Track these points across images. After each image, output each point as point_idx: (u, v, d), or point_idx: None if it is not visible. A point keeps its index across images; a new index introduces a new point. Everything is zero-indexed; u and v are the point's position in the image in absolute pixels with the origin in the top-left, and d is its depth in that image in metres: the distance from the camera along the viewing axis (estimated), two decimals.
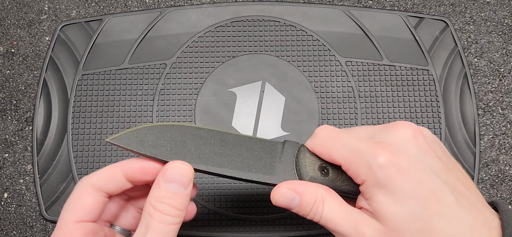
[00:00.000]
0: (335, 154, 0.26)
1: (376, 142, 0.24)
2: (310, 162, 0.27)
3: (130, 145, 0.26)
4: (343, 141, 0.25)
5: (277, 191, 0.26)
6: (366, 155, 0.24)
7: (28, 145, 0.41)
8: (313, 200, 0.26)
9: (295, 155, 0.28)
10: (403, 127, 0.25)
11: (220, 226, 0.39)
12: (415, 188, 0.23)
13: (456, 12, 0.44)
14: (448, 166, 0.25)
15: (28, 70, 0.43)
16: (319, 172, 0.27)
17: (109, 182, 0.26)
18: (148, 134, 0.26)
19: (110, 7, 0.44)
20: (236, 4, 0.44)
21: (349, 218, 0.25)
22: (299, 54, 0.42)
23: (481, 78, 0.43)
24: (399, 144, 0.24)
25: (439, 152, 0.25)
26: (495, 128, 0.41)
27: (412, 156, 0.24)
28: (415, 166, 0.24)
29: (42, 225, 0.40)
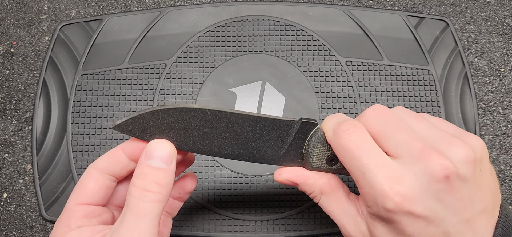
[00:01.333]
0: (348, 169, 0.25)
1: (392, 178, 0.23)
2: (319, 153, 0.27)
3: (131, 133, 0.25)
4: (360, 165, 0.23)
5: (277, 178, 0.28)
6: (377, 193, 0.23)
7: (27, 145, 0.41)
8: (310, 191, 0.27)
9: (307, 139, 0.27)
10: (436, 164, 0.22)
11: (220, 226, 0.39)
12: (415, 234, 0.23)
13: (457, 12, 0.44)
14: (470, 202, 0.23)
15: (28, 70, 0.43)
16: (326, 162, 0.27)
17: (111, 164, 0.26)
18: (150, 119, 0.25)
19: (110, 7, 0.44)
20: (236, 4, 0.44)
21: (342, 215, 0.26)
22: (299, 54, 0.42)
23: (481, 78, 0.43)
24: (420, 187, 0.22)
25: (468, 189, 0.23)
26: (495, 128, 0.41)
27: (427, 202, 0.22)
28: (424, 214, 0.22)
29: (41, 225, 0.40)
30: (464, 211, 0.23)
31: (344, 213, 0.26)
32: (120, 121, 0.25)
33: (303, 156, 0.27)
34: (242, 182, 0.39)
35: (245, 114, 0.26)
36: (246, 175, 0.39)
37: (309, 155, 0.27)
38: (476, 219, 0.23)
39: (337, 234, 0.39)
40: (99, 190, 0.26)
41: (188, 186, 0.30)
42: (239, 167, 0.40)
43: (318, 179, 0.27)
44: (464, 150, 0.23)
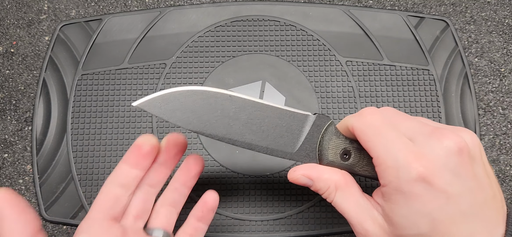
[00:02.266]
0: (371, 146, 0.25)
1: (416, 152, 0.24)
2: (334, 145, 0.27)
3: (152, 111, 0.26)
4: (384, 140, 0.25)
5: (293, 175, 0.28)
6: (400, 165, 0.23)
7: (27, 145, 0.41)
8: (325, 187, 0.27)
9: (322, 133, 0.28)
10: (449, 139, 0.24)
11: (220, 226, 0.39)
12: (435, 210, 0.23)
13: (457, 11, 0.44)
14: (482, 184, 0.24)
15: (28, 70, 0.43)
16: (339, 157, 0.27)
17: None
18: (172, 101, 0.26)
19: (109, 7, 0.44)
20: (236, 4, 0.44)
21: (358, 211, 0.26)
22: (299, 54, 0.42)
23: (481, 78, 0.43)
24: (438, 159, 0.23)
25: (477, 170, 0.24)
26: (495, 128, 0.41)
27: (447, 176, 0.23)
28: (445, 187, 0.23)
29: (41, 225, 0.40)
30: (478, 192, 0.23)
31: (361, 208, 0.26)
32: (142, 100, 0.26)
33: (317, 150, 0.28)
34: (242, 182, 0.39)
35: (269, 105, 0.27)
36: (246, 175, 0.39)
37: (323, 148, 0.27)
38: (488, 204, 0.24)
39: (337, 234, 0.39)
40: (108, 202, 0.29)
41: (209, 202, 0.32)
42: (239, 167, 0.40)
43: (333, 174, 0.27)
44: (468, 134, 0.25)
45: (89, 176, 0.40)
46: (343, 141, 0.27)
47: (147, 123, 0.41)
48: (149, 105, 0.26)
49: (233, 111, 0.27)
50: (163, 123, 0.41)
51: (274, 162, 0.40)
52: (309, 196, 0.39)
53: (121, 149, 0.40)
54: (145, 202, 0.30)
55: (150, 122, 0.41)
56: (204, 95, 0.27)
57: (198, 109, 0.27)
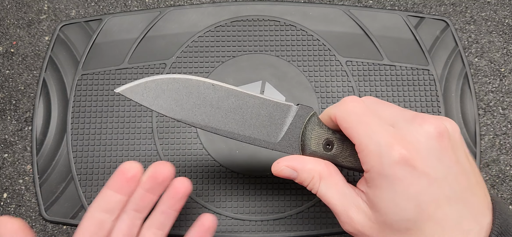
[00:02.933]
0: (353, 133, 0.25)
1: (397, 136, 0.24)
2: (317, 135, 0.28)
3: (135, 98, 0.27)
4: (365, 126, 0.25)
5: (276, 167, 0.28)
6: (382, 147, 0.24)
7: (27, 145, 0.41)
8: (309, 178, 0.27)
9: (304, 124, 0.28)
10: (429, 123, 0.24)
11: (220, 226, 0.39)
12: (419, 194, 0.23)
13: (457, 11, 0.44)
14: (465, 169, 0.24)
15: (28, 70, 0.43)
16: (322, 147, 0.28)
17: None
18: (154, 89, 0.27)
19: (109, 7, 0.44)
20: (236, 4, 0.44)
21: (342, 199, 0.26)
22: (299, 54, 0.42)
23: (481, 78, 0.43)
24: (420, 143, 0.24)
25: (459, 155, 0.25)
26: (495, 128, 0.41)
27: (428, 159, 0.23)
28: (427, 170, 0.23)
29: (41, 225, 0.40)
30: (462, 177, 0.24)
31: (345, 197, 0.26)
32: (124, 87, 0.27)
33: (300, 141, 0.28)
34: (242, 182, 0.39)
35: (252, 94, 0.28)
36: (246, 175, 0.39)
37: (306, 138, 0.27)
38: (473, 190, 0.24)
39: (337, 234, 0.39)
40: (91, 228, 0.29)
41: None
42: (238, 167, 0.40)
43: (316, 164, 0.27)
44: (448, 121, 0.25)
45: (89, 176, 0.40)
46: (326, 132, 0.28)
47: (147, 123, 0.41)
48: (131, 92, 0.27)
49: (216, 100, 0.27)
50: (163, 123, 0.41)
51: None
52: (309, 196, 0.39)
53: (121, 149, 0.40)
54: (130, 227, 0.30)
55: (150, 122, 0.41)
56: (186, 83, 0.27)
57: (181, 97, 0.27)
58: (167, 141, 0.40)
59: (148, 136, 0.40)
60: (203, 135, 0.40)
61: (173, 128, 0.40)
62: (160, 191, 0.31)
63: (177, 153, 0.40)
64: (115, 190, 0.30)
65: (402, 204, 0.23)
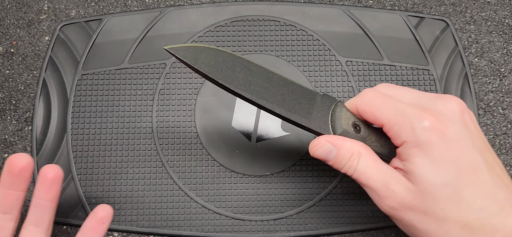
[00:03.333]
0: (380, 114, 0.26)
1: (424, 108, 0.25)
2: (346, 116, 0.28)
3: (185, 58, 0.28)
4: (391, 103, 0.26)
5: (316, 143, 0.28)
6: (412, 118, 0.24)
7: (27, 145, 0.41)
8: (349, 154, 0.27)
9: (332, 107, 0.29)
10: (452, 101, 0.25)
11: (220, 226, 0.39)
12: (455, 157, 0.24)
13: (457, 11, 0.44)
14: (487, 146, 0.26)
15: (28, 70, 0.43)
16: (352, 127, 0.28)
17: None
18: (203, 53, 0.28)
19: (109, 6, 0.44)
20: (236, 4, 0.44)
21: (382, 174, 0.26)
22: (299, 54, 0.42)
23: (481, 78, 0.43)
24: (446, 115, 0.25)
25: (480, 133, 0.26)
26: (495, 128, 0.41)
27: (457, 129, 0.24)
28: (458, 138, 0.24)
29: None
30: (488, 152, 0.25)
31: (384, 172, 0.26)
32: (176, 46, 0.28)
33: (330, 123, 0.28)
34: (242, 182, 0.39)
35: (280, 76, 0.30)
36: (246, 175, 0.39)
37: (336, 118, 0.28)
38: (500, 166, 0.25)
39: (337, 234, 0.39)
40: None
41: (98, 213, 0.32)
42: (239, 167, 0.40)
43: (354, 142, 0.27)
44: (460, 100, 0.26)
45: (89, 176, 0.40)
46: (352, 115, 0.29)
47: (147, 123, 0.41)
48: (177, 50, 0.28)
49: (252, 73, 0.29)
50: (163, 123, 0.41)
51: (274, 162, 0.40)
52: (309, 196, 0.39)
53: (121, 149, 0.40)
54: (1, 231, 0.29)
55: (150, 122, 0.41)
56: (226, 55, 0.29)
57: (220, 63, 0.28)
58: (167, 141, 0.40)
59: (148, 136, 0.40)
60: (203, 135, 0.40)
61: (173, 128, 0.40)
62: (23, 184, 0.30)
63: (177, 153, 0.40)
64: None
65: (442, 168, 0.24)
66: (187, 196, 0.39)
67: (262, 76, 0.29)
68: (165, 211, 0.39)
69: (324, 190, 0.39)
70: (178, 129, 0.40)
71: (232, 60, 0.29)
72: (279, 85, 0.29)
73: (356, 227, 0.39)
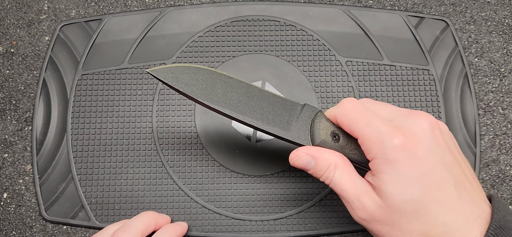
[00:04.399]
0: (355, 128, 0.27)
1: (395, 126, 0.26)
2: (324, 127, 0.29)
3: (166, 79, 0.29)
4: (366, 119, 0.27)
5: (295, 154, 0.29)
6: (383, 135, 0.26)
7: (27, 145, 0.41)
8: (326, 166, 0.28)
9: (312, 118, 0.30)
10: (422, 118, 0.26)
11: (220, 226, 0.39)
12: (421, 175, 0.25)
13: (457, 12, 0.44)
14: (458, 160, 0.27)
15: (28, 70, 0.43)
16: (330, 137, 0.29)
17: None
18: (183, 73, 0.29)
19: (109, 6, 0.44)
20: (236, 4, 0.44)
21: (355, 187, 0.27)
22: (299, 54, 0.42)
23: (481, 78, 0.43)
24: (416, 133, 0.26)
25: (451, 147, 0.27)
26: (495, 128, 0.41)
27: (426, 146, 0.25)
28: (426, 155, 0.25)
29: (41, 225, 0.40)
30: (457, 167, 0.26)
31: (357, 185, 0.28)
32: (156, 68, 0.29)
33: (309, 133, 0.29)
34: (242, 182, 0.39)
35: (260, 89, 0.30)
36: (246, 175, 0.39)
37: (315, 128, 0.29)
38: (469, 179, 0.26)
39: (337, 234, 0.39)
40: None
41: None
42: (239, 167, 0.40)
43: (332, 154, 0.28)
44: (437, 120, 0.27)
45: (89, 176, 0.40)
46: (331, 125, 0.29)
47: (147, 123, 0.41)
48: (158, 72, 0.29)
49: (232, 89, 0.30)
50: (163, 122, 0.41)
51: (274, 162, 0.40)
52: (309, 196, 0.39)
53: (121, 149, 0.40)
54: None
55: (150, 122, 0.41)
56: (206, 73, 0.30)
57: (201, 81, 0.29)
58: (167, 141, 0.40)
59: (148, 136, 0.40)
60: (203, 135, 0.40)
61: (173, 129, 0.40)
62: None
63: (177, 153, 0.40)
64: None
65: (407, 185, 0.25)
66: (187, 196, 0.39)
67: (242, 90, 0.30)
68: (165, 211, 0.39)
69: (324, 190, 0.39)
70: (178, 129, 0.40)
71: (212, 77, 0.30)
72: (259, 99, 0.30)
73: (356, 227, 0.39)
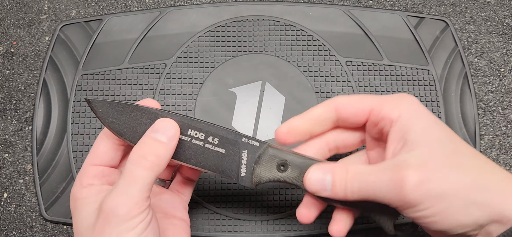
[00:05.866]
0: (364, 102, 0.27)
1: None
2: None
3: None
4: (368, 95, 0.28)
5: (308, 178, 0.27)
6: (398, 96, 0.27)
7: (27, 145, 0.41)
8: (344, 171, 0.26)
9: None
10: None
11: (220, 226, 0.39)
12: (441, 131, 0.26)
13: (457, 12, 0.44)
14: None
15: (28, 70, 0.43)
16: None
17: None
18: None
19: (110, 7, 0.44)
20: (236, 4, 0.44)
21: (386, 179, 0.24)
22: (299, 54, 0.42)
23: (481, 78, 0.43)
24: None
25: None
26: (495, 128, 0.41)
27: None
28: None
29: (41, 225, 0.40)
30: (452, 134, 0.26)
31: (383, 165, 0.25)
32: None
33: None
34: None
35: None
36: None
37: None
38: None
39: None
40: (108, 152, 0.29)
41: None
42: None
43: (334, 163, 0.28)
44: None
45: None
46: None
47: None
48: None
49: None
50: None
51: None
52: None
53: None
54: None
55: None
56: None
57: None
58: None
59: None
60: None
61: None
62: None
63: None
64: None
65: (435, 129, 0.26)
66: None
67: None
68: None
69: None
70: None
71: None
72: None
73: (356, 227, 0.39)
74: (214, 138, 0.29)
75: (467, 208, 0.23)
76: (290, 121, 0.29)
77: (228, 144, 0.29)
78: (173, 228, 0.30)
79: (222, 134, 0.29)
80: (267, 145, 0.29)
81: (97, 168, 0.28)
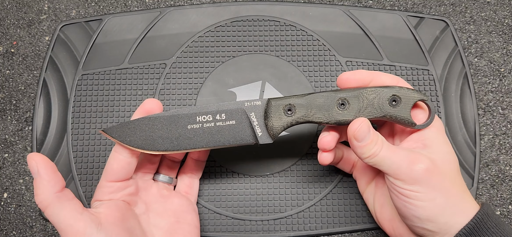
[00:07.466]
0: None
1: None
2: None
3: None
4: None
5: (358, 125, 0.30)
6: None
7: (27, 145, 0.41)
8: (375, 138, 0.30)
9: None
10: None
11: (220, 226, 0.39)
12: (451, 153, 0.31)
13: (456, 12, 0.44)
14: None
15: (28, 70, 0.43)
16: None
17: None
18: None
19: (110, 7, 0.44)
20: (236, 4, 0.44)
21: (403, 155, 0.29)
22: (299, 54, 0.42)
23: (481, 78, 0.43)
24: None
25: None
26: (495, 128, 0.41)
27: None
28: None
29: (41, 225, 0.40)
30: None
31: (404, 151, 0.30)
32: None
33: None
34: (242, 182, 0.39)
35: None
36: (246, 175, 0.40)
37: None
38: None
39: (337, 234, 0.39)
40: (122, 169, 0.31)
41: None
42: (239, 167, 0.40)
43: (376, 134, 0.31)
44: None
45: (89, 176, 0.40)
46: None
47: None
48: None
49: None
50: None
51: (274, 162, 0.40)
52: (309, 196, 0.39)
53: None
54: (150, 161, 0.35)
55: None
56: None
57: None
58: None
59: None
60: None
61: None
62: None
63: None
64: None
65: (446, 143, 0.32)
66: None
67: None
68: None
69: (324, 190, 0.39)
70: None
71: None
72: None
73: (356, 227, 0.39)
74: (221, 115, 0.31)
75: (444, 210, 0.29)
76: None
77: (235, 114, 0.31)
78: (183, 233, 0.33)
79: (226, 109, 0.31)
80: (268, 98, 0.32)
81: (113, 184, 0.31)
